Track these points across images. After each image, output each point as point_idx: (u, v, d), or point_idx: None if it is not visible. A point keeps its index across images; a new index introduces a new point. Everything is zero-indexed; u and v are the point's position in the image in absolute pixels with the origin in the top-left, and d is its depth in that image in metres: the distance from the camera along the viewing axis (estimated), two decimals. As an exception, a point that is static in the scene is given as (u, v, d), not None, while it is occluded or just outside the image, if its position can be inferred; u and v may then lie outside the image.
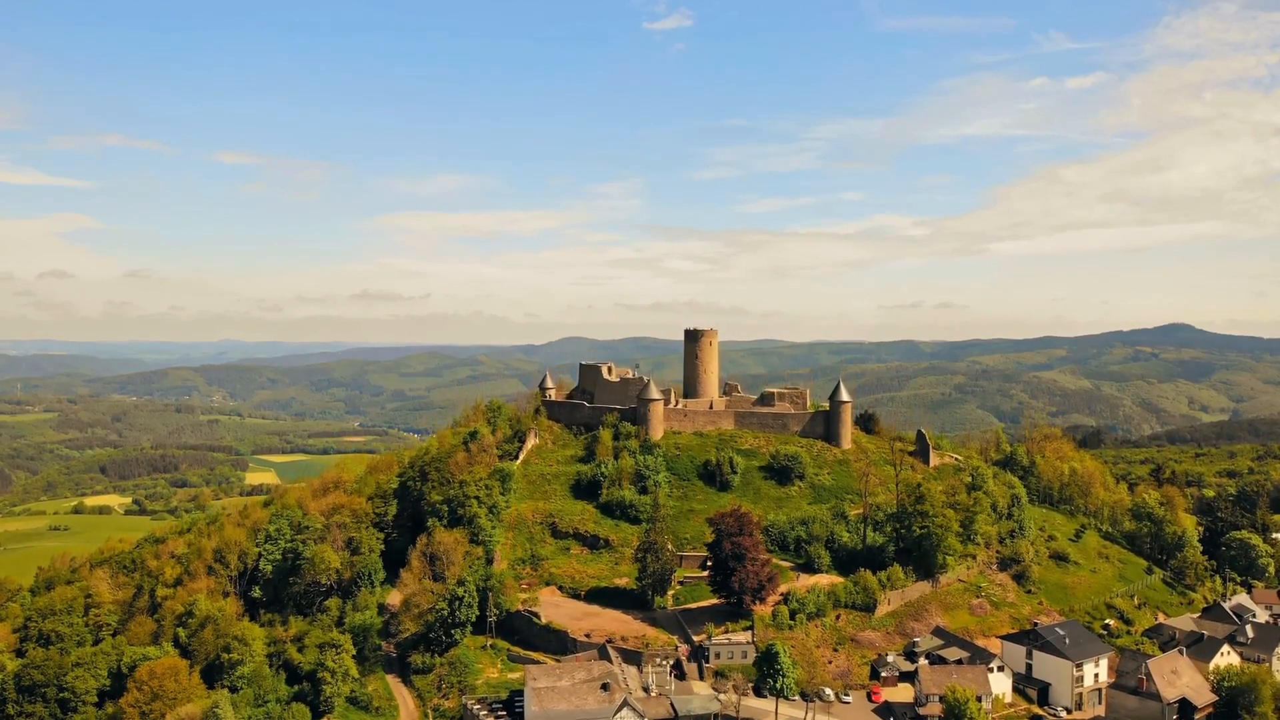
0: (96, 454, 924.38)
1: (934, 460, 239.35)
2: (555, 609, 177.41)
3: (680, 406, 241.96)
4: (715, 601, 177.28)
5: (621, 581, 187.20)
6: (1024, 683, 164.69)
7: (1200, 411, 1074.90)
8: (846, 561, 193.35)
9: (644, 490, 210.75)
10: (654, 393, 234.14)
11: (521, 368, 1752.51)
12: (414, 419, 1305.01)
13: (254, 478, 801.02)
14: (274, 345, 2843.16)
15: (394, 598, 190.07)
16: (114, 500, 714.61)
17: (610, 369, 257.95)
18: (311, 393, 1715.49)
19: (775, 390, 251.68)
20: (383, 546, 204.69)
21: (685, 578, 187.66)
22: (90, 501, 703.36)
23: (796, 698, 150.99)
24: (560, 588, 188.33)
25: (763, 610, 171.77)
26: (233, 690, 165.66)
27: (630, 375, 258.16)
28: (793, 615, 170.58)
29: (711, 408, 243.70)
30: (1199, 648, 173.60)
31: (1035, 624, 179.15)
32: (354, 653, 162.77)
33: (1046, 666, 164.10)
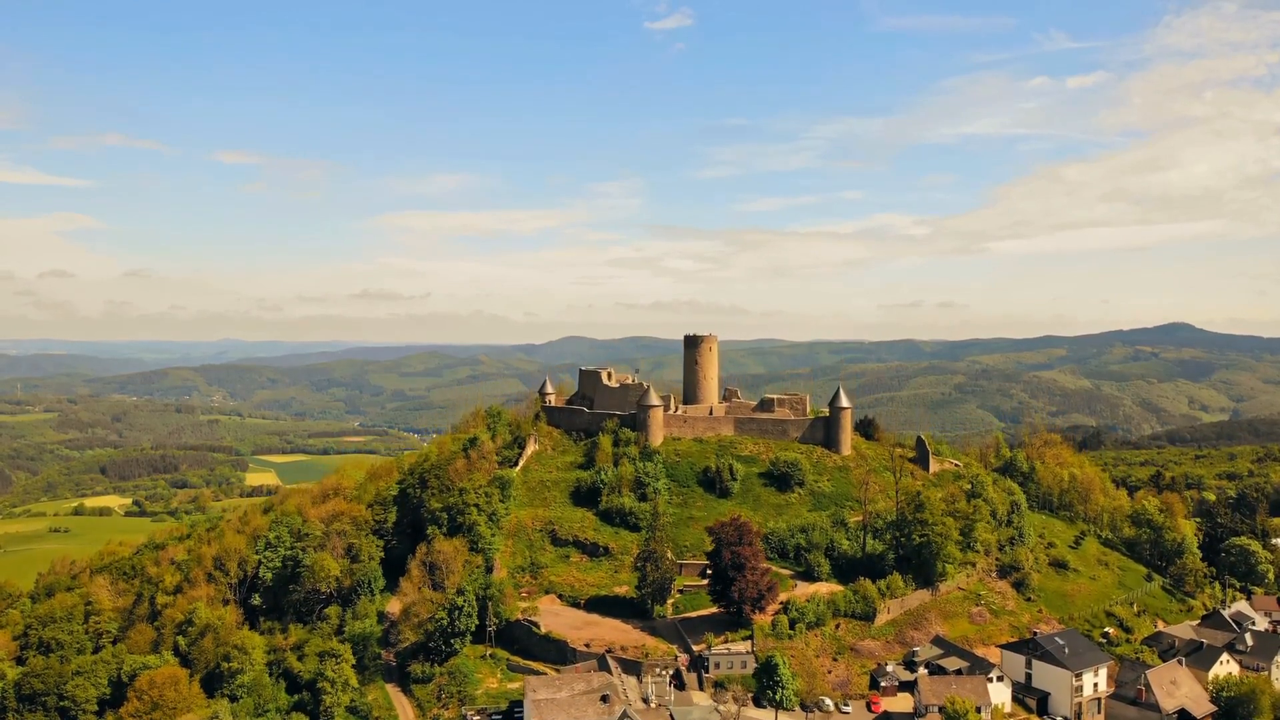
0: (97, 454, 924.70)
1: (933, 466, 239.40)
2: (555, 618, 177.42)
3: (680, 412, 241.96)
4: (715, 610, 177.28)
5: (621, 590, 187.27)
6: (1023, 692, 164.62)
7: (1200, 411, 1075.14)
8: (846, 569, 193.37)
9: (644, 497, 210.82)
10: (653, 399, 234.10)
11: (521, 367, 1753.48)
12: (414, 419, 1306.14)
13: (254, 478, 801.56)
14: (274, 345, 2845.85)
15: (394, 605, 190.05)
16: (114, 501, 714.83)
17: (610, 374, 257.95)
18: (311, 392, 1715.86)
19: (775, 396, 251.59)
20: (382, 554, 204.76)
21: (685, 586, 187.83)
22: (90, 503, 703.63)
23: (796, 708, 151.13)
24: (560, 596, 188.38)
25: (762, 619, 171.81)
26: (233, 699, 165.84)
27: (630, 380, 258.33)
28: (792, 624, 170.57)
29: (711, 414, 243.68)
30: (1198, 656, 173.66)
31: (1035, 633, 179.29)
32: (354, 662, 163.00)
33: (1046, 676, 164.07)
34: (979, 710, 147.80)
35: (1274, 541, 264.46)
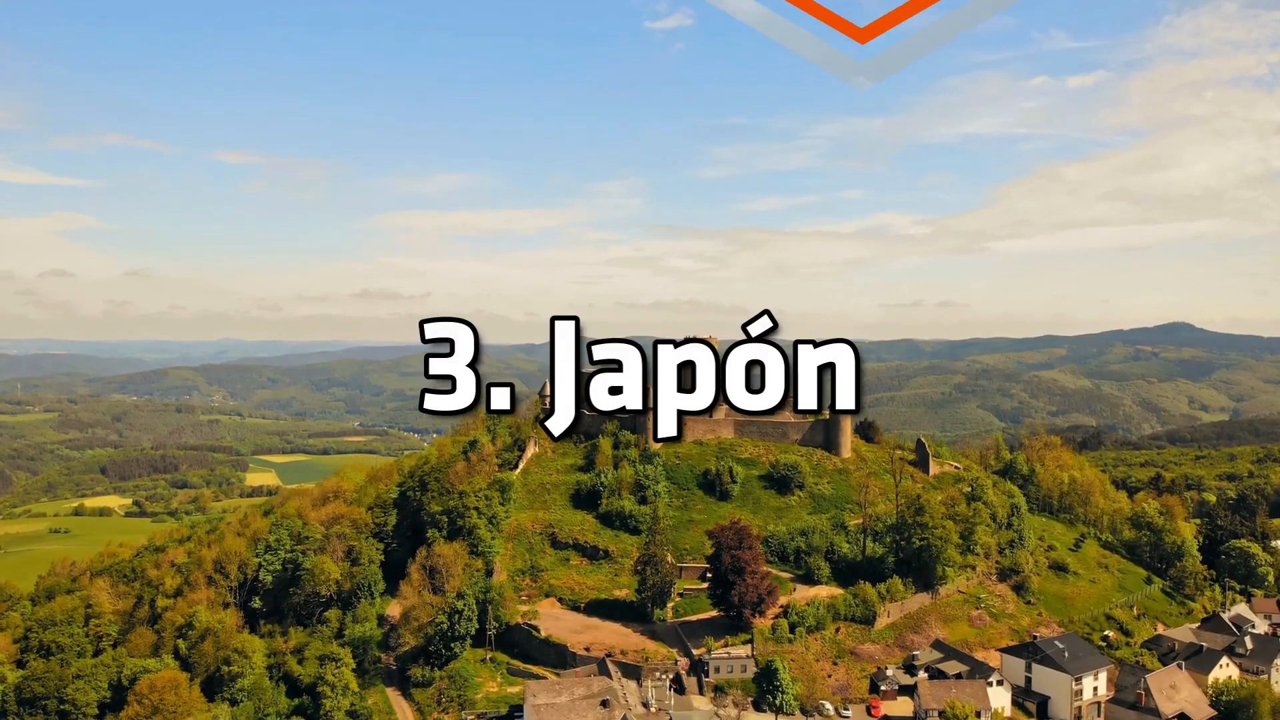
0: (97, 454, 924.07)
1: (933, 469, 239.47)
2: (555, 621, 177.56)
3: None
4: (715, 614, 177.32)
5: (621, 593, 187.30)
6: (1023, 696, 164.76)
7: (1200, 411, 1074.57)
8: (846, 573, 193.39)
9: (644, 500, 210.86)
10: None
11: (522, 367, 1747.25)
12: (414, 419, 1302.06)
13: (254, 478, 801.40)
14: (274, 344, 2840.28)
15: (394, 609, 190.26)
16: (114, 501, 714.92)
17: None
18: (311, 392, 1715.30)
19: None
20: (382, 557, 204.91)
21: (685, 589, 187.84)
22: (90, 503, 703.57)
23: (796, 713, 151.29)
24: (560, 600, 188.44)
25: (762, 623, 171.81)
26: (233, 703, 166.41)
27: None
28: (792, 628, 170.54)
29: (711, 416, 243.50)
30: (1198, 660, 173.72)
31: (1034, 636, 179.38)
32: (354, 666, 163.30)
33: (1045, 680, 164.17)
34: (979, 714, 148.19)
35: (1274, 544, 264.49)
